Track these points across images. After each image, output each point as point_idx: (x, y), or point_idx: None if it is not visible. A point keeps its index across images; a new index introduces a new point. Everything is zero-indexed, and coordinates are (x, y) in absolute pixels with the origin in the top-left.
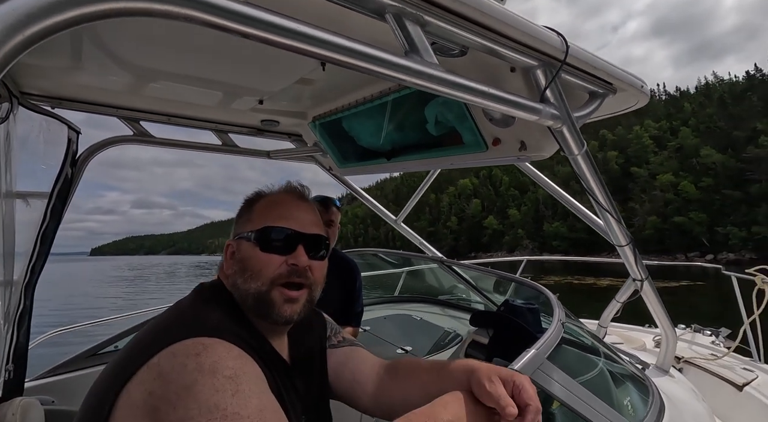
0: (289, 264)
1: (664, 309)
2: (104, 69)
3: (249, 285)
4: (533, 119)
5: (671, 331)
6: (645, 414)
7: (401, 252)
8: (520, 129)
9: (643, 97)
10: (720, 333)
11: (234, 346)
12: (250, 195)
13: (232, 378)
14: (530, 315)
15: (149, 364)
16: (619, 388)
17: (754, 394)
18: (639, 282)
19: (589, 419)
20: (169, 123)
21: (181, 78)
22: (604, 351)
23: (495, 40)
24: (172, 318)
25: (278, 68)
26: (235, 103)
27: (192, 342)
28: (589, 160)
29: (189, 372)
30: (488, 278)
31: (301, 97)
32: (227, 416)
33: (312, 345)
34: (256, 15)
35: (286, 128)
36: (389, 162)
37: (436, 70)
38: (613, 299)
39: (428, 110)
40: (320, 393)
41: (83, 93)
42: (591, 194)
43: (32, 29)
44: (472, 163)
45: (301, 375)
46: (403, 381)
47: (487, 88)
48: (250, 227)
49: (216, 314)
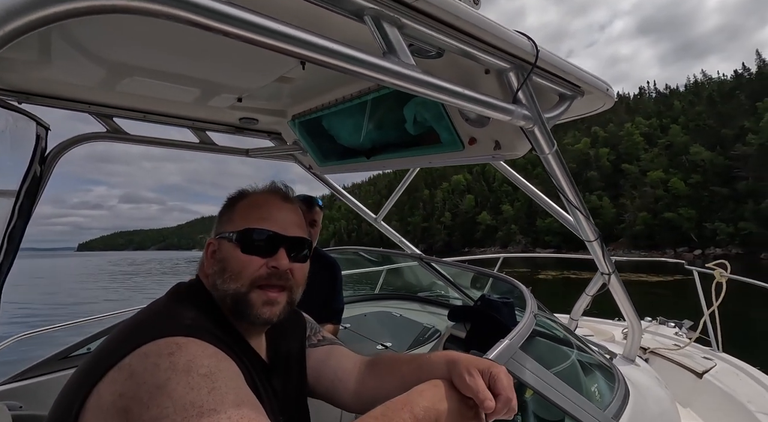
0: (270, 267)
1: (631, 302)
2: (75, 64)
3: (228, 286)
4: (506, 119)
5: (637, 323)
6: (611, 399)
7: (381, 250)
8: (494, 129)
9: (608, 100)
10: (683, 325)
11: (209, 344)
12: (233, 194)
13: (208, 376)
14: (505, 309)
15: (120, 365)
16: (587, 376)
17: (712, 381)
18: (607, 276)
19: (559, 405)
20: (145, 120)
21: (157, 74)
22: (575, 341)
23: (469, 43)
24: (144, 317)
25: (258, 66)
26: (213, 100)
27: (165, 342)
28: (559, 159)
29: (162, 371)
30: (466, 274)
31: (281, 95)
32: (203, 413)
33: (291, 345)
34: (237, 14)
35: (266, 126)
36: (369, 161)
37: (413, 72)
38: (583, 292)
39: (407, 110)
40: (298, 392)
41: (52, 88)
42: (561, 191)
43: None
44: (449, 161)
45: (279, 374)
46: (385, 375)
47: (462, 89)
48: (231, 227)
49: (191, 313)
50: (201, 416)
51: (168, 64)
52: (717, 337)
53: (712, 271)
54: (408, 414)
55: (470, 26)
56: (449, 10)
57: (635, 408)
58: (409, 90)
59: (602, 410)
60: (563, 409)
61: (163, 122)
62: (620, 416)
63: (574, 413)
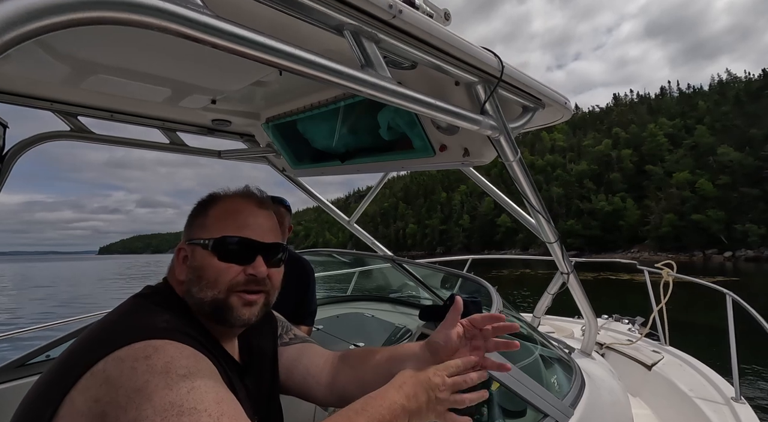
0: (248, 274)
1: (588, 300)
2: (35, 60)
3: (205, 293)
4: (474, 128)
5: (593, 319)
6: (569, 389)
7: (354, 252)
8: (463, 137)
9: (566, 112)
10: (636, 322)
11: (186, 346)
12: (204, 198)
13: (187, 377)
14: (473, 307)
15: (93, 371)
16: (548, 369)
17: (660, 372)
18: (566, 275)
19: (522, 396)
20: (112, 120)
21: (125, 73)
22: (537, 337)
23: (440, 57)
24: (115, 321)
25: (235, 70)
26: (185, 101)
27: (141, 345)
28: (522, 166)
29: (140, 374)
30: (437, 275)
31: (255, 98)
32: (184, 412)
33: (263, 345)
34: (218, 25)
35: (239, 128)
36: (343, 164)
37: (389, 83)
38: (545, 292)
39: (381, 117)
40: (271, 391)
41: (10, 84)
42: (524, 196)
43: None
44: (421, 167)
45: (252, 375)
46: (357, 366)
47: (433, 100)
48: (205, 234)
49: (164, 316)
50: (181, 415)
51: (137, 63)
52: (665, 332)
53: (661, 271)
54: (387, 403)
55: (441, 42)
56: (422, 27)
57: (590, 397)
58: (384, 100)
59: (560, 399)
60: (526, 399)
61: (131, 121)
62: (576, 404)
63: (536, 403)
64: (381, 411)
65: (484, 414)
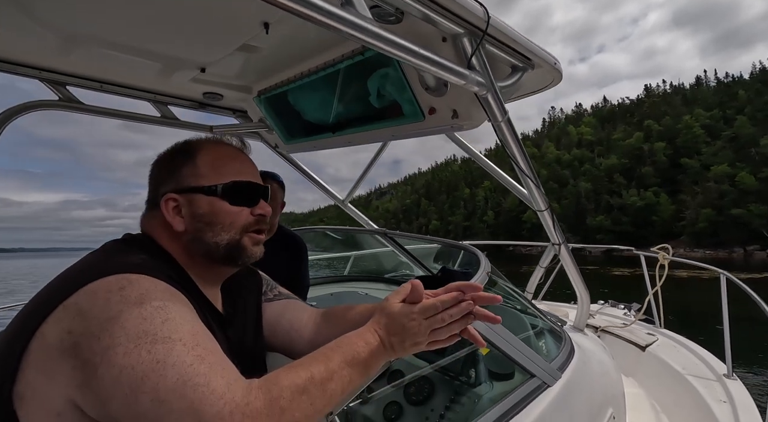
0: (256, 214)
1: (580, 273)
2: (21, 27)
3: (221, 237)
4: (461, 83)
5: (585, 293)
6: (557, 354)
7: (347, 228)
8: (452, 98)
9: (557, 75)
10: (632, 307)
11: (161, 281)
12: (180, 146)
13: (162, 308)
14: (464, 278)
15: (65, 304)
16: (537, 336)
17: (654, 353)
18: (557, 246)
19: (508, 354)
20: (102, 91)
21: (113, 45)
22: (527, 304)
23: (425, 3)
24: (88, 260)
25: (219, 33)
26: (176, 73)
27: (115, 278)
28: (511, 127)
29: (113, 304)
30: (431, 250)
31: (246, 68)
32: (157, 340)
33: (247, 299)
34: None
35: (231, 102)
36: (334, 136)
37: (371, 25)
38: (537, 265)
39: (370, 83)
40: (254, 345)
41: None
42: (513, 159)
43: None
44: (411, 133)
45: (235, 328)
46: (339, 320)
47: (418, 48)
48: (205, 181)
49: (140, 255)
50: (155, 342)
51: (124, 33)
52: (660, 315)
53: (657, 254)
54: (362, 340)
55: None
56: None
57: (579, 364)
58: (367, 44)
59: (548, 362)
60: (512, 358)
61: (122, 93)
62: (564, 369)
63: (522, 362)
64: (356, 348)
65: (472, 376)
